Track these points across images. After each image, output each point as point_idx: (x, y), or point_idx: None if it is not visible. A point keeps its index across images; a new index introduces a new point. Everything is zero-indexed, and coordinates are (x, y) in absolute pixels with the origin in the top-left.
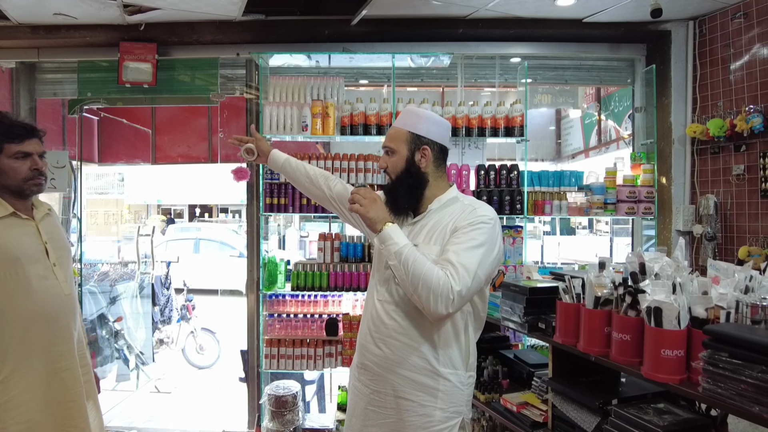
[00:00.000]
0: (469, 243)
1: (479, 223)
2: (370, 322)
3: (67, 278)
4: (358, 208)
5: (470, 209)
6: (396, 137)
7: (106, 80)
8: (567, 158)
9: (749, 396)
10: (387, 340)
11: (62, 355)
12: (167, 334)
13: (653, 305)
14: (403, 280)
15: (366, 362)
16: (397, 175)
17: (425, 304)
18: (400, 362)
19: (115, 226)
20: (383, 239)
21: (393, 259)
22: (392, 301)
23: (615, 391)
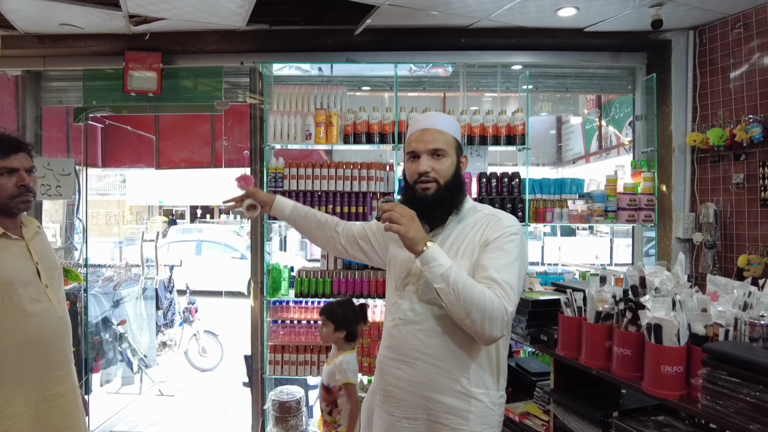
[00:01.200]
0: (506, 258)
1: (510, 234)
2: (391, 343)
3: (60, 300)
4: (399, 228)
5: (496, 220)
6: (445, 141)
7: (111, 88)
8: (568, 163)
9: (747, 414)
10: (412, 362)
11: (60, 380)
12: (170, 336)
13: (653, 322)
14: (452, 305)
15: (390, 388)
16: (446, 181)
17: (479, 329)
18: (428, 384)
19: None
20: (427, 261)
21: (440, 282)
22: (416, 320)
23: (616, 403)
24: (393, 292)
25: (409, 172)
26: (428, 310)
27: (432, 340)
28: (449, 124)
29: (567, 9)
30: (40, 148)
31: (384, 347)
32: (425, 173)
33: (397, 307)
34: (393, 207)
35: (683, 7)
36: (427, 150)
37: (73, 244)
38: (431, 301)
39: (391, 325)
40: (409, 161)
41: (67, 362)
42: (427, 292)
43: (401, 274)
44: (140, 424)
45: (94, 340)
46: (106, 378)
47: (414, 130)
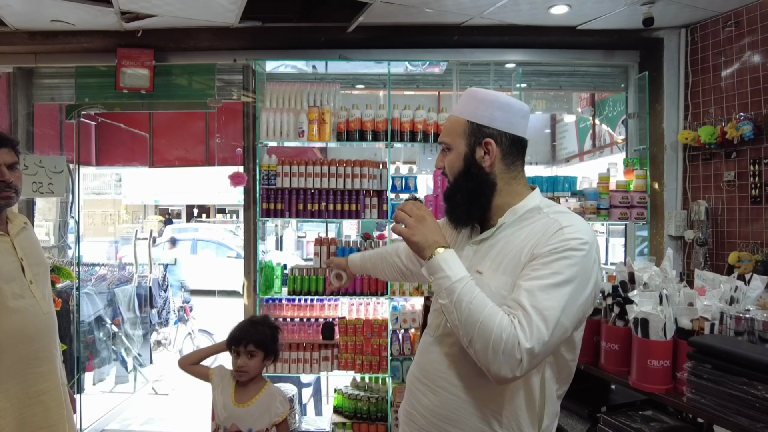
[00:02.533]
0: (550, 279)
1: (567, 250)
2: (419, 362)
3: (45, 296)
4: (402, 230)
5: (556, 227)
6: (452, 129)
7: (103, 86)
8: (562, 162)
9: (731, 407)
10: (437, 390)
11: (43, 377)
12: (165, 335)
13: (640, 316)
14: (455, 327)
15: (412, 411)
16: (455, 177)
17: (482, 361)
18: (451, 419)
19: (113, 227)
20: (432, 270)
21: (444, 297)
22: (444, 342)
23: (605, 399)
24: (433, 302)
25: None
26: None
27: (463, 369)
28: (465, 104)
29: (559, 6)
30: (32, 145)
31: (414, 363)
32: (441, 170)
33: (431, 321)
34: (404, 206)
35: (675, 5)
36: (439, 143)
37: (67, 242)
38: None
39: (423, 339)
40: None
41: (52, 359)
42: None
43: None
44: (134, 423)
45: (87, 339)
46: (99, 377)
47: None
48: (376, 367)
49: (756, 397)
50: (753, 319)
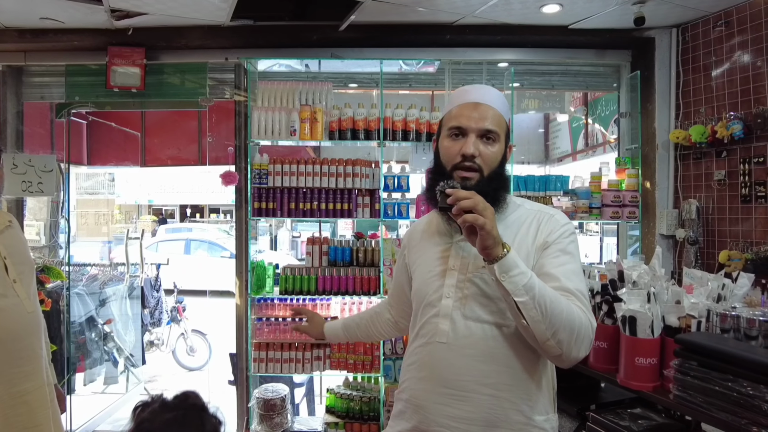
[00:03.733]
0: (573, 263)
1: (570, 234)
2: (432, 374)
3: (29, 295)
4: (484, 222)
5: (548, 217)
6: (498, 122)
7: (94, 84)
8: (555, 161)
9: (717, 403)
10: (468, 396)
11: (27, 377)
12: (158, 336)
13: (628, 314)
14: (536, 323)
15: (437, 429)
16: (491, 172)
17: (566, 350)
18: (488, 420)
19: (106, 227)
20: (507, 268)
21: (522, 295)
22: (463, 344)
23: (594, 397)
24: (423, 309)
25: (450, 152)
26: (477, 330)
27: (489, 367)
28: (503, 103)
29: (551, 6)
30: (22, 144)
31: (420, 378)
32: (471, 156)
33: (434, 327)
34: (473, 194)
35: (665, 4)
36: (478, 129)
37: (58, 242)
38: (479, 318)
39: (426, 351)
40: (450, 139)
41: (36, 358)
42: (473, 308)
43: (433, 284)
44: (125, 424)
45: (78, 339)
46: (90, 377)
47: (461, 103)
48: (368, 367)
49: (741, 394)
50: (739, 316)
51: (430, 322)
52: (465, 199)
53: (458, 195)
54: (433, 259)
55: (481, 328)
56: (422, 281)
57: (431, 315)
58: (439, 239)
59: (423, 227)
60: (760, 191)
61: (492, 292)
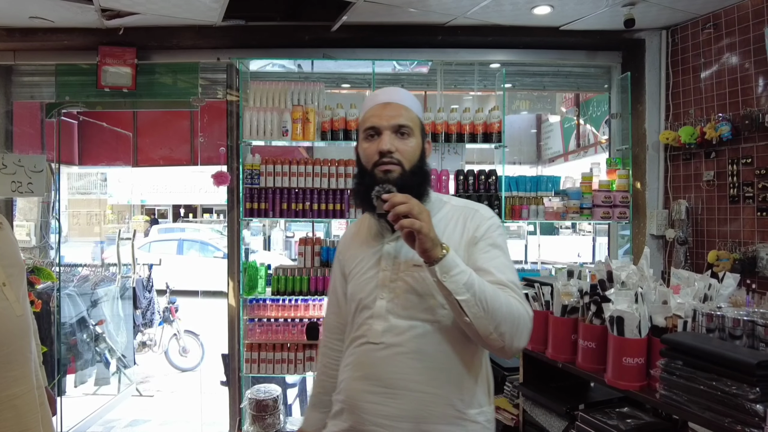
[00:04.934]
0: (504, 256)
1: (497, 227)
2: (367, 373)
3: (19, 298)
4: (421, 226)
5: (473, 212)
6: (410, 117)
7: (85, 84)
8: (546, 162)
9: (701, 402)
10: (400, 393)
11: (16, 381)
12: (150, 336)
13: (615, 314)
14: (478, 318)
15: (371, 428)
16: (412, 166)
17: (507, 342)
18: (420, 416)
19: (98, 227)
20: (448, 268)
21: (464, 293)
22: (396, 342)
23: (583, 396)
24: (359, 312)
25: (367, 153)
26: (410, 329)
27: (421, 364)
28: (413, 101)
29: (542, 7)
30: (11, 144)
31: (355, 378)
32: (388, 152)
33: (368, 328)
34: (409, 198)
35: (655, 6)
36: (390, 126)
37: (49, 243)
38: (411, 317)
39: (360, 351)
40: (367, 140)
41: (25, 362)
42: (406, 307)
43: (367, 286)
44: (117, 425)
45: (70, 341)
46: (81, 379)
47: (372, 105)
48: None
49: (725, 393)
50: (724, 316)
51: (365, 323)
52: (400, 204)
53: (394, 200)
54: (367, 262)
55: (413, 326)
56: (357, 284)
57: (367, 317)
58: (373, 241)
59: (355, 231)
60: (747, 192)
61: (422, 290)
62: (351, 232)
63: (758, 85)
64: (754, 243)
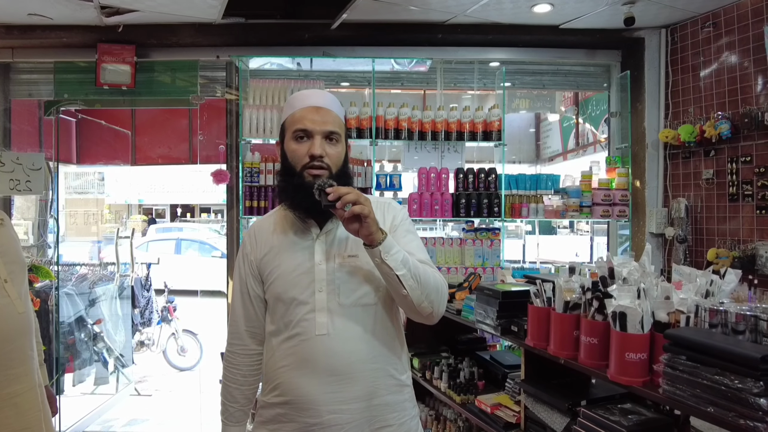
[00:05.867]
0: (417, 240)
1: (407, 217)
2: (317, 366)
3: (20, 295)
4: (367, 210)
5: (386, 205)
6: (338, 124)
7: (83, 82)
8: (546, 160)
9: (705, 397)
10: (355, 376)
11: (17, 379)
12: (148, 336)
13: (618, 310)
14: (413, 290)
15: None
16: (337, 170)
17: (435, 309)
18: (372, 392)
19: (96, 227)
20: (389, 247)
21: (402, 268)
22: (344, 329)
23: (585, 393)
24: (293, 309)
25: (297, 154)
26: (353, 315)
27: (368, 345)
28: (339, 107)
29: (542, 5)
30: (9, 141)
31: (301, 376)
32: (320, 157)
33: (310, 322)
34: (352, 189)
35: (655, 5)
36: (322, 131)
37: (47, 242)
38: (354, 303)
39: (302, 347)
40: (295, 141)
41: (26, 360)
42: (347, 295)
43: (301, 282)
44: (115, 425)
45: (68, 340)
46: (79, 378)
47: (302, 107)
48: None
49: (728, 387)
50: (726, 311)
51: (305, 318)
52: (347, 193)
53: (340, 191)
54: (296, 258)
55: (356, 311)
56: (287, 281)
57: (306, 311)
58: (296, 238)
59: (270, 229)
60: (747, 190)
61: (359, 277)
62: (264, 229)
63: (757, 84)
64: (753, 241)
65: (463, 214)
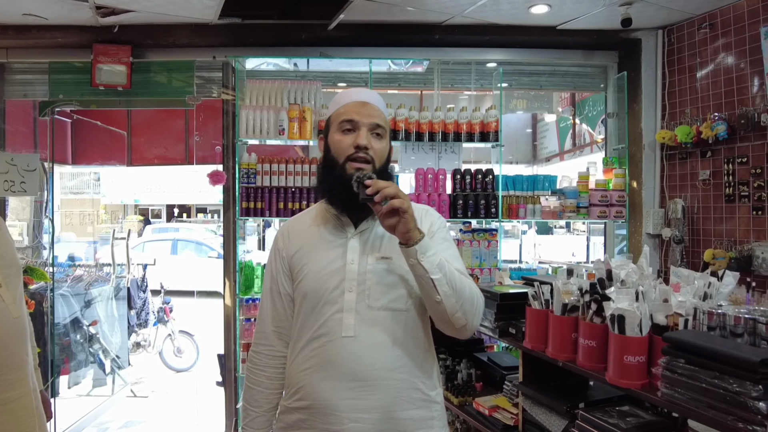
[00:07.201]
0: (454, 248)
1: (446, 225)
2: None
3: (15, 299)
4: (406, 205)
5: (425, 211)
6: (385, 121)
7: (79, 82)
8: (542, 161)
9: (703, 400)
10: (378, 384)
11: (12, 384)
12: (144, 337)
13: (617, 313)
14: (447, 297)
15: (349, 425)
16: (381, 166)
17: (469, 321)
18: (397, 404)
19: (91, 227)
20: (426, 248)
21: (437, 272)
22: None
23: (583, 395)
24: (321, 308)
25: (342, 145)
26: (382, 319)
27: (395, 352)
28: (384, 106)
29: (539, 6)
30: (4, 142)
31: (323, 379)
32: (364, 147)
33: (337, 323)
34: (392, 183)
35: (652, 6)
36: (368, 123)
37: (42, 243)
38: (383, 307)
39: (327, 349)
40: (341, 133)
41: (22, 365)
42: (377, 298)
43: (331, 281)
44: (111, 427)
45: (63, 341)
46: (74, 380)
47: (348, 102)
48: None
49: (727, 391)
50: (725, 314)
51: (332, 318)
52: (386, 187)
53: (379, 184)
54: (328, 256)
55: (385, 316)
56: (317, 279)
57: (333, 311)
58: (330, 235)
59: (305, 225)
60: (743, 191)
61: (391, 281)
62: (299, 226)
63: (754, 85)
64: (749, 242)
65: (461, 215)
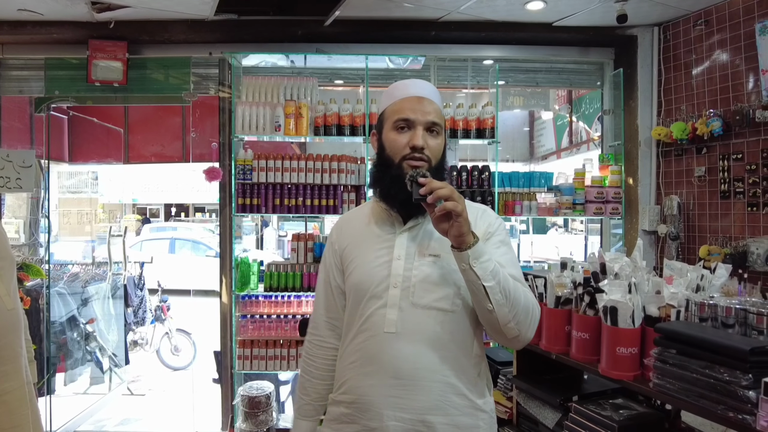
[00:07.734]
0: (511, 253)
1: (504, 228)
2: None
3: (9, 292)
4: (461, 208)
5: (482, 211)
6: (441, 117)
7: (74, 78)
8: (539, 159)
9: (695, 390)
10: (421, 384)
11: (6, 376)
12: (141, 335)
13: (609, 304)
14: (500, 306)
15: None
16: (437, 163)
17: (523, 332)
18: (440, 408)
19: (89, 226)
20: (479, 254)
21: (490, 280)
22: (414, 331)
23: (577, 388)
24: (366, 302)
25: (397, 144)
26: (426, 318)
27: (438, 353)
28: (440, 99)
29: (535, 3)
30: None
31: (365, 374)
32: (421, 148)
33: (381, 318)
34: (447, 184)
35: (647, 3)
36: (425, 122)
37: (38, 240)
38: (428, 306)
39: (371, 344)
40: (396, 131)
41: (16, 357)
42: (422, 296)
43: (378, 275)
44: (108, 424)
45: (60, 339)
46: (70, 378)
47: (404, 96)
48: None
49: (718, 380)
50: (716, 305)
51: (376, 313)
52: (441, 188)
53: (433, 185)
54: (375, 250)
55: (429, 314)
56: (364, 273)
57: (377, 306)
58: (379, 230)
59: (357, 220)
60: (738, 187)
61: (438, 279)
62: (353, 220)
63: (749, 82)
64: (744, 238)
65: None
